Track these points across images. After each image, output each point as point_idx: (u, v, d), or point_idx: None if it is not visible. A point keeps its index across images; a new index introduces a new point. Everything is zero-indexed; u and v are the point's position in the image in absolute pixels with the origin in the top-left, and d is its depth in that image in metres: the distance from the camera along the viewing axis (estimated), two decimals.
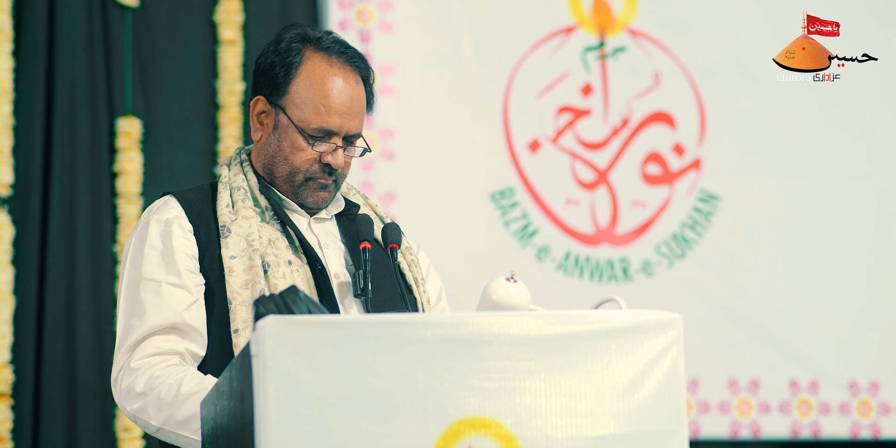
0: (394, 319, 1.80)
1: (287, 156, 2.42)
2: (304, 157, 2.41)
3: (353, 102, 2.42)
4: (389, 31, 4.59)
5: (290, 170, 2.43)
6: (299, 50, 2.43)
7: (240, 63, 4.44)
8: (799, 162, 4.93)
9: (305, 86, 2.41)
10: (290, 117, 2.41)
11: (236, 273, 2.33)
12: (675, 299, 4.73)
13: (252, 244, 2.35)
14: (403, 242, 2.53)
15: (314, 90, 2.40)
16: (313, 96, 2.40)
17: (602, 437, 1.81)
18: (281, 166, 2.43)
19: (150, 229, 2.40)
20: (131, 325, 2.32)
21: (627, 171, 4.82)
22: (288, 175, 2.43)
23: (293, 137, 2.41)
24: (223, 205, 2.40)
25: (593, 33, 4.82)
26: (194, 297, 2.34)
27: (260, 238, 2.36)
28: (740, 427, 4.77)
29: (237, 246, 2.35)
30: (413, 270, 2.52)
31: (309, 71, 2.41)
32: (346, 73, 2.43)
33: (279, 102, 2.43)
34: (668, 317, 1.88)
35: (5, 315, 4.09)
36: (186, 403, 2.18)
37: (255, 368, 1.71)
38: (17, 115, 4.20)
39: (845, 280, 4.91)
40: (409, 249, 2.54)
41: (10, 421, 4.08)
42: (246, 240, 2.35)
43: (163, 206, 2.45)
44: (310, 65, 2.42)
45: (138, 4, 4.36)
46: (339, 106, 2.40)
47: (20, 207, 4.17)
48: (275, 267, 2.34)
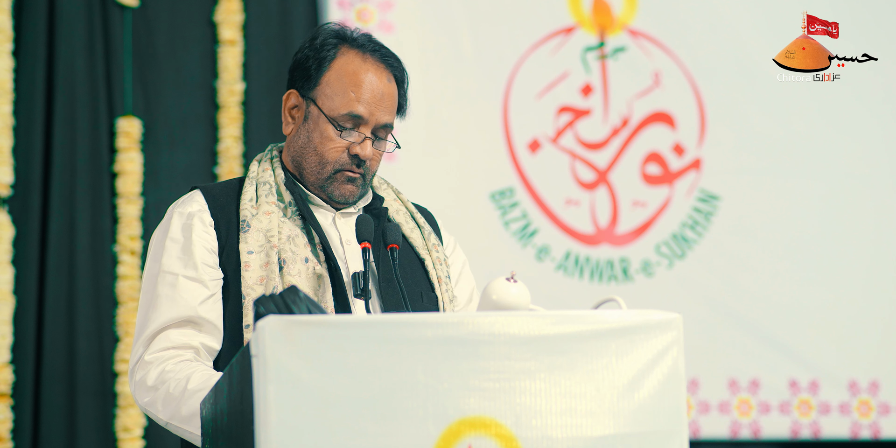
0: (394, 319, 1.81)
1: (316, 146, 2.43)
2: (332, 147, 2.42)
3: (384, 96, 2.44)
4: (389, 31, 4.58)
5: (318, 161, 2.43)
6: (334, 45, 2.45)
7: (240, 63, 4.44)
8: (799, 162, 4.93)
9: (337, 76, 2.42)
10: (321, 107, 2.42)
11: (252, 268, 2.33)
12: (675, 299, 4.73)
13: (270, 240, 2.36)
14: (431, 239, 2.52)
15: (345, 80, 2.42)
16: (344, 85, 2.42)
17: (602, 437, 1.81)
18: (310, 158, 2.44)
19: (172, 222, 2.42)
20: (148, 317, 2.34)
21: (627, 171, 4.82)
22: (316, 166, 2.43)
23: (323, 127, 2.42)
24: (246, 199, 2.41)
25: (593, 33, 4.82)
26: (210, 291, 2.35)
27: (279, 233, 2.37)
28: (740, 427, 4.77)
29: (255, 241, 2.35)
30: (437, 268, 2.50)
31: (342, 64, 2.43)
32: (379, 69, 2.45)
33: (310, 94, 2.44)
34: (668, 317, 1.88)
35: (5, 315, 4.09)
36: (192, 399, 2.20)
37: (255, 368, 1.71)
38: (17, 115, 4.20)
39: (845, 280, 4.91)
40: (435, 247, 2.53)
41: (10, 421, 4.08)
42: (265, 235, 2.36)
43: (187, 200, 2.46)
44: (343, 59, 2.44)
45: (138, 4, 4.36)
46: (369, 95, 2.42)
47: (20, 207, 4.17)
48: (290, 264, 2.34)
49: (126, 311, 4.21)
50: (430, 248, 2.52)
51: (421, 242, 2.52)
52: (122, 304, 4.22)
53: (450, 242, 2.62)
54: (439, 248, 2.54)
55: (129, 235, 4.23)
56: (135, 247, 4.24)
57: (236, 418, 1.86)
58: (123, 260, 4.23)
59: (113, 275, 4.23)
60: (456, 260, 2.62)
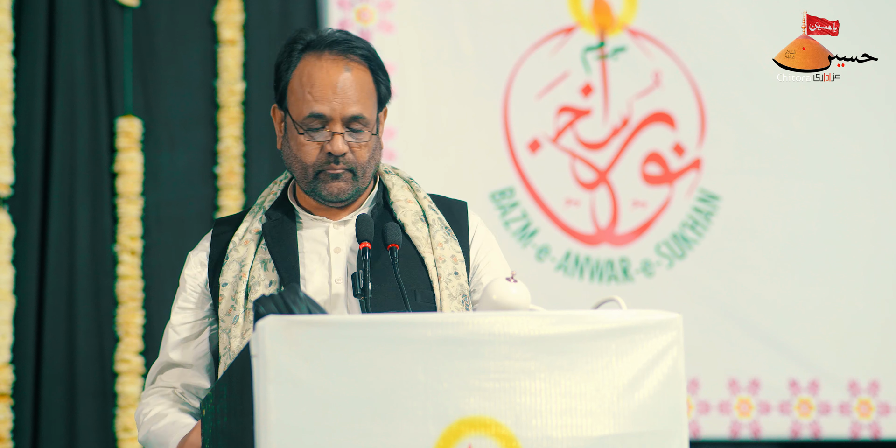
0: (394, 319, 1.80)
1: (295, 154, 2.46)
2: (307, 151, 2.44)
3: (342, 87, 2.44)
4: (389, 31, 4.58)
5: (301, 166, 2.46)
6: (294, 53, 2.49)
7: (240, 63, 4.44)
8: (799, 162, 4.93)
9: (297, 82, 2.46)
10: (291, 115, 2.46)
11: (225, 299, 2.43)
12: (675, 299, 4.73)
13: (242, 268, 2.44)
14: (437, 237, 2.49)
15: (302, 83, 2.45)
16: (301, 88, 2.45)
17: (602, 437, 1.81)
18: (295, 165, 2.47)
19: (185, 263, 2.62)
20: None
21: (627, 171, 4.81)
22: (301, 172, 2.47)
23: (294, 134, 2.45)
24: (242, 230, 2.50)
25: (593, 33, 4.82)
26: (180, 336, 2.52)
27: (254, 262, 2.45)
28: (740, 427, 4.77)
29: (231, 272, 2.45)
30: (439, 266, 2.47)
31: (299, 69, 2.47)
32: (335, 61, 2.46)
33: (283, 105, 2.49)
34: (668, 317, 1.88)
35: (5, 315, 4.09)
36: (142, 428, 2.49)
37: (255, 368, 1.71)
38: (17, 115, 4.20)
39: (845, 280, 4.91)
40: (440, 244, 2.49)
41: (10, 421, 4.08)
42: (239, 264, 2.45)
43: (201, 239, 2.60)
44: (301, 63, 2.47)
45: (138, 4, 4.36)
46: (324, 91, 2.43)
47: (20, 207, 4.17)
48: (254, 289, 2.41)
49: (126, 311, 4.21)
50: (433, 245, 2.48)
51: (424, 240, 2.49)
52: (122, 304, 4.22)
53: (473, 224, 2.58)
54: (445, 246, 2.49)
55: (129, 235, 4.23)
56: (135, 247, 4.24)
57: (236, 418, 1.86)
58: (123, 260, 4.23)
59: (113, 275, 4.23)
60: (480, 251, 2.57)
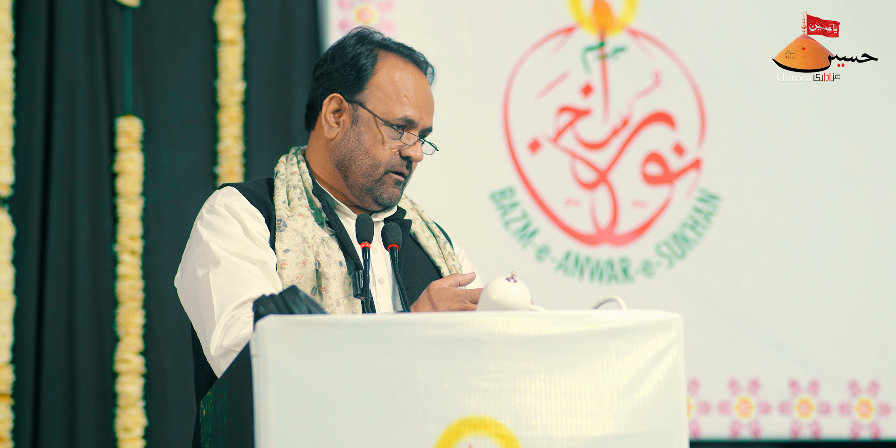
0: (394, 319, 1.81)
1: (368, 149, 2.47)
2: (386, 149, 2.47)
3: (429, 99, 2.52)
4: (389, 31, 4.58)
5: (370, 163, 2.48)
6: (371, 50, 2.51)
7: (240, 63, 4.44)
8: (799, 162, 4.93)
9: (387, 80, 2.48)
10: (373, 111, 2.47)
11: (289, 266, 2.37)
12: (675, 299, 4.73)
13: (307, 240, 2.40)
14: (447, 249, 2.58)
15: (396, 84, 2.48)
16: (396, 89, 2.47)
17: (602, 437, 1.81)
18: (361, 160, 2.48)
19: (220, 213, 2.41)
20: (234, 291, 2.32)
21: (627, 171, 4.81)
22: (368, 168, 2.48)
23: (376, 130, 2.47)
24: (280, 200, 2.45)
25: (593, 33, 4.82)
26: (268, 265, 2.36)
27: (314, 236, 2.41)
28: (740, 427, 4.77)
29: (292, 240, 2.39)
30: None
31: (388, 67, 2.49)
32: (420, 72, 2.53)
33: (357, 98, 2.49)
34: (668, 317, 1.88)
35: (5, 315, 4.08)
36: None
37: (255, 368, 1.71)
38: (17, 115, 4.20)
39: (845, 280, 4.91)
40: (451, 255, 2.59)
41: (10, 421, 4.08)
42: (301, 235, 2.40)
43: (228, 193, 2.46)
44: (387, 62, 2.50)
45: (138, 4, 4.36)
46: (419, 99, 2.49)
47: (20, 207, 4.17)
48: (325, 266, 2.38)
49: (126, 311, 4.21)
50: (445, 256, 2.58)
51: (437, 251, 2.58)
52: (122, 304, 4.22)
53: (460, 255, 2.67)
54: (454, 258, 2.60)
55: (129, 235, 4.23)
56: (135, 247, 4.24)
57: (236, 418, 1.86)
58: (123, 260, 4.23)
59: (113, 275, 4.23)
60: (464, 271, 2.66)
